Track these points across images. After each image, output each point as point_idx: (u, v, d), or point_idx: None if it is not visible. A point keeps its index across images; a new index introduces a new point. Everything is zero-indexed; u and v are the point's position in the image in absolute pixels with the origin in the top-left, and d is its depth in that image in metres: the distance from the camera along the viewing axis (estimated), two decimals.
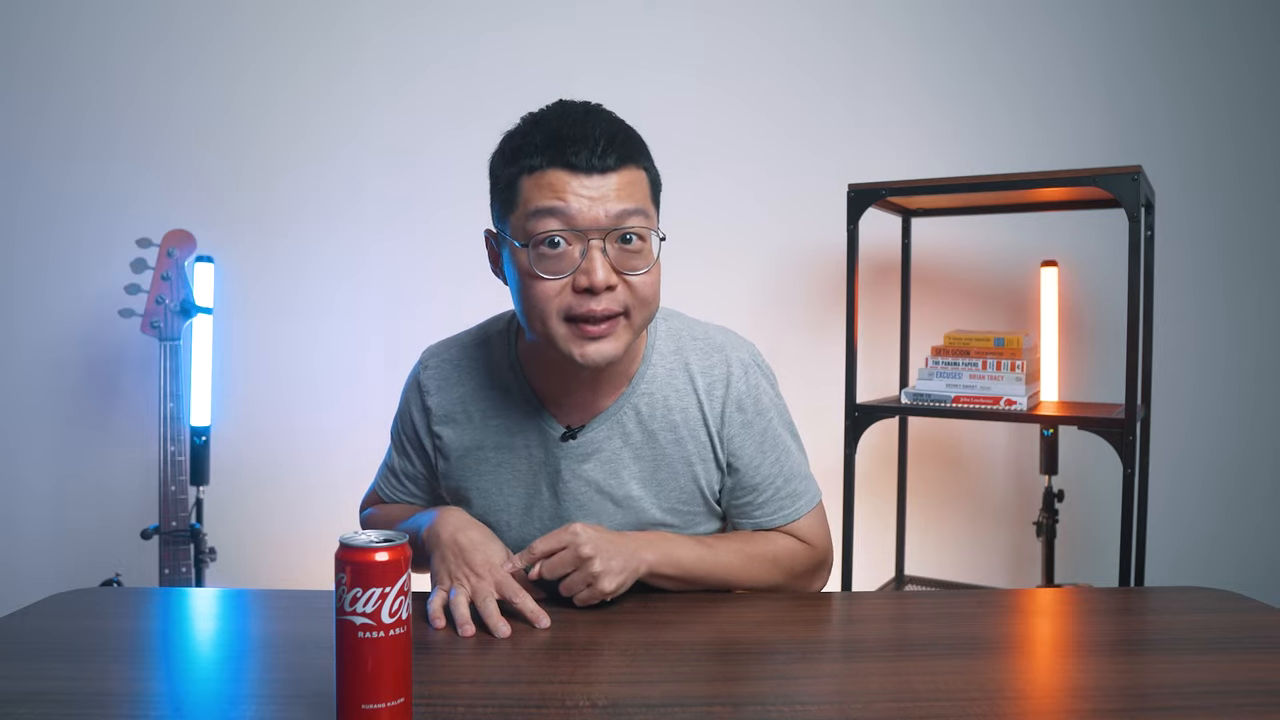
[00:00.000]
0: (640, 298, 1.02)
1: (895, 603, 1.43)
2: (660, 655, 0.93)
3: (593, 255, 0.98)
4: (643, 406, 1.13)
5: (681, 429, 1.14)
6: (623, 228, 1.00)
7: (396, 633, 0.74)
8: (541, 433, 1.14)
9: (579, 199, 0.98)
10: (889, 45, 2.44)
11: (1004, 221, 2.35)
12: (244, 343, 2.42)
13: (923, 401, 2.03)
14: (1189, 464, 2.38)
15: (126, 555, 2.21)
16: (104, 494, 2.42)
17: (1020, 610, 1.18)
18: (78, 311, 2.42)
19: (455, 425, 1.18)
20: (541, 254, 0.99)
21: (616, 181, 1.00)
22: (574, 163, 0.98)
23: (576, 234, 0.99)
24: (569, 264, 0.99)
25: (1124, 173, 1.76)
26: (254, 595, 1.18)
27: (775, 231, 2.45)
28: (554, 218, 0.98)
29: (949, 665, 0.90)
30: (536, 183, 1.00)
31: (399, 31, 2.45)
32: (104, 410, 2.45)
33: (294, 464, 2.44)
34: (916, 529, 2.42)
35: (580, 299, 0.99)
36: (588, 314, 0.99)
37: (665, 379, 1.14)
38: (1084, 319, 2.39)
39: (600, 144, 0.99)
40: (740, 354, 1.16)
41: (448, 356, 1.21)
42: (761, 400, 1.16)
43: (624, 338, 1.03)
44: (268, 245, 2.45)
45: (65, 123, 2.42)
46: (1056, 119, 2.40)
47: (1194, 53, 2.39)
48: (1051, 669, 0.95)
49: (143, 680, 0.88)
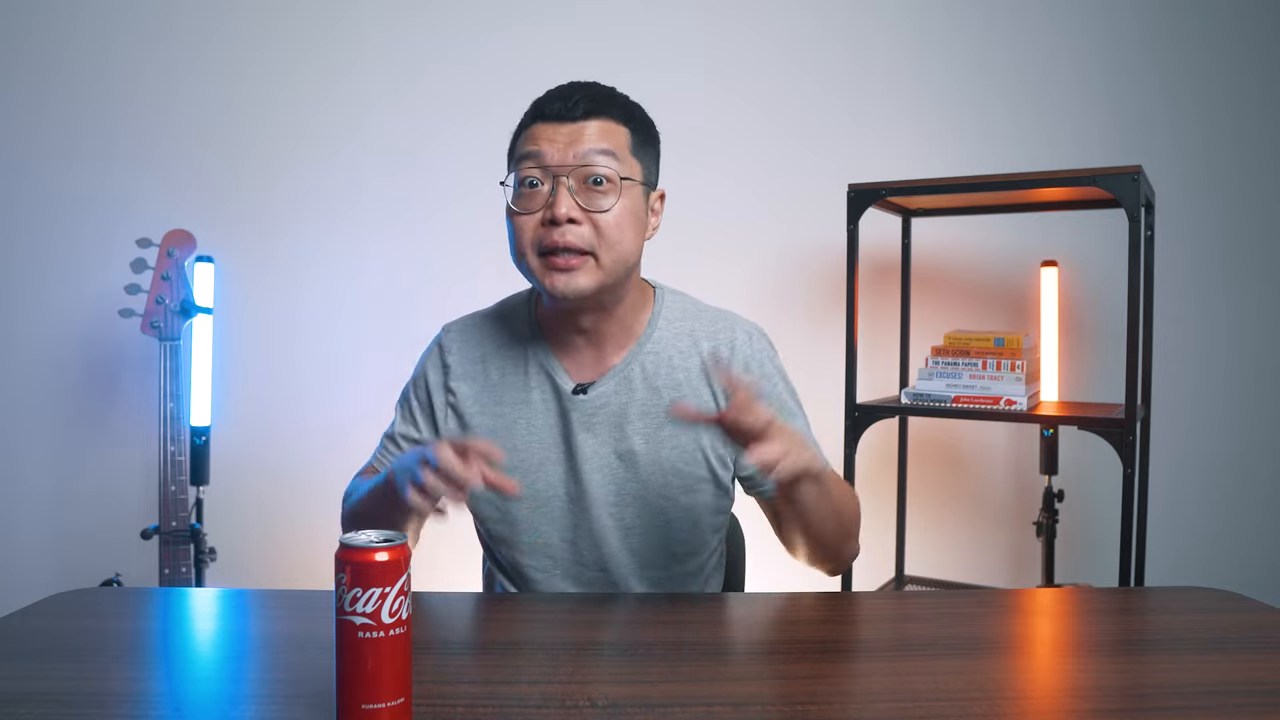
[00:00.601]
0: (606, 237, 1.09)
1: (895, 603, 1.43)
2: (660, 655, 0.93)
3: (560, 192, 1.08)
4: (648, 364, 1.18)
5: (684, 388, 1.18)
6: (588, 166, 1.09)
7: (397, 633, 0.74)
8: (555, 388, 1.18)
9: (551, 144, 1.09)
10: (889, 45, 2.44)
11: (1004, 221, 2.35)
12: (244, 343, 2.42)
13: (923, 401, 2.03)
14: (1189, 464, 2.38)
15: (126, 555, 2.21)
16: (104, 494, 2.42)
17: (1020, 610, 1.18)
18: (78, 311, 2.42)
19: (473, 382, 1.22)
20: (520, 193, 1.11)
21: (588, 129, 1.10)
22: (547, 113, 1.11)
23: (546, 173, 1.09)
24: (541, 202, 1.09)
25: (1124, 173, 1.76)
26: (254, 595, 1.18)
27: (775, 231, 2.45)
28: (530, 160, 1.10)
29: (949, 665, 0.90)
30: (524, 137, 1.13)
31: (399, 31, 2.45)
32: (104, 410, 2.45)
33: (293, 464, 2.44)
34: (916, 529, 2.42)
35: (547, 231, 1.08)
36: (552, 244, 1.08)
37: (671, 341, 1.19)
38: (1084, 319, 2.39)
39: (574, 98, 1.11)
40: (746, 325, 1.23)
41: (469, 323, 1.27)
42: (767, 366, 1.21)
43: (593, 275, 1.10)
44: (268, 245, 2.45)
45: (65, 122, 2.42)
46: (1056, 119, 2.40)
47: (1194, 52, 2.40)
48: (1052, 669, 0.95)
49: (143, 680, 0.88)
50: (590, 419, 1.17)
